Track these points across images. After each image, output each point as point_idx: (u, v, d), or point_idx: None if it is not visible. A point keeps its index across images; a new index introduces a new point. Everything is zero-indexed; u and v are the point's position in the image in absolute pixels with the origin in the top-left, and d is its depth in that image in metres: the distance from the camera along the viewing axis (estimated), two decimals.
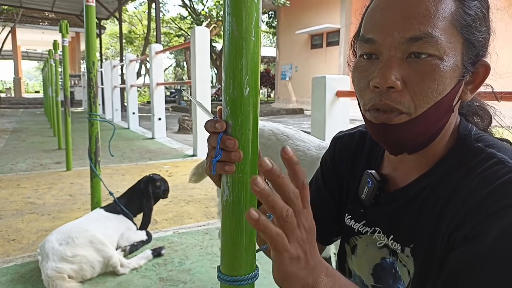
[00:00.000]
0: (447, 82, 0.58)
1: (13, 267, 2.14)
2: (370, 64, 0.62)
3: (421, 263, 0.62)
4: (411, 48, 0.57)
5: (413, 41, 0.57)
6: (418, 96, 0.58)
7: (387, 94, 0.59)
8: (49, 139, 7.19)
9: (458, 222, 0.56)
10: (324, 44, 16.70)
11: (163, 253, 2.30)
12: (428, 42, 0.56)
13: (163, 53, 7.41)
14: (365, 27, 0.63)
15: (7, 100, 20.25)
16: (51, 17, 21.32)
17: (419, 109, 0.59)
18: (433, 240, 0.60)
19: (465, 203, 0.56)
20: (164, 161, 5.22)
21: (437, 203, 0.61)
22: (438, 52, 0.57)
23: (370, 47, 0.61)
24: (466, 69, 0.60)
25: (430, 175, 0.65)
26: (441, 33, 0.57)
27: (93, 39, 2.47)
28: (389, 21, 0.59)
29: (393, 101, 0.58)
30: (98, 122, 2.54)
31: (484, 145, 0.61)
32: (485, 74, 0.63)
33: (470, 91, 0.63)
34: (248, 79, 0.54)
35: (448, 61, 0.57)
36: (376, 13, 0.61)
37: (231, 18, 0.53)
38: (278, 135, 1.85)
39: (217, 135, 0.56)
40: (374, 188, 0.71)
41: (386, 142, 0.63)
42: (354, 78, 0.65)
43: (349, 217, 0.79)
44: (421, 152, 0.65)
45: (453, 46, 0.58)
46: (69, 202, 3.34)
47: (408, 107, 0.58)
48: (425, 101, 0.58)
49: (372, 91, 0.61)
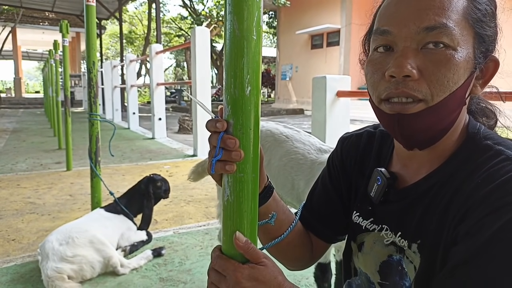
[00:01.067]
0: (461, 72, 0.59)
1: (13, 267, 2.13)
2: (385, 56, 0.63)
3: (427, 258, 0.63)
4: (427, 38, 0.59)
5: (428, 31, 0.58)
6: (435, 84, 0.59)
7: (404, 83, 0.59)
8: (49, 139, 7.19)
9: (461, 217, 0.57)
10: (324, 44, 16.71)
11: (163, 253, 2.30)
12: (443, 32, 0.58)
13: (163, 53, 7.41)
14: (379, 21, 0.64)
15: (7, 100, 20.26)
16: (51, 17, 21.34)
17: (435, 98, 0.59)
18: (439, 235, 0.61)
19: (469, 198, 0.57)
20: (165, 161, 5.22)
21: (444, 199, 0.62)
22: (452, 43, 0.58)
23: (385, 39, 0.63)
24: (478, 62, 0.61)
25: (439, 172, 0.65)
26: (455, 25, 0.58)
27: (93, 39, 2.47)
28: (405, 13, 0.60)
29: (411, 88, 0.59)
30: (98, 122, 2.54)
31: (493, 143, 0.62)
32: (494, 69, 0.64)
33: (480, 86, 0.64)
34: (249, 78, 0.54)
35: (461, 52, 0.59)
36: (390, 7, 0.63)
37: (232, 17, 0.53)
38: (277, 135, 1.81)
39: (218, 134, 0.56)
40: (384, 185, 0.71)
41: (402, 132, 0.63)
42: (368, 71, 0.66)
43: (357, 214, 0.79)
44: (430, 148, 0.65)
45: (465, 39, 0.59)
46: (69, 202, 3.34)
47: (425, 94, 0.59)
48: (442, 89, 0.59)
49: (388, 81, 0.61)
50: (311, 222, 0.86)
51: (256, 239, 0.60)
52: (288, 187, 1.70)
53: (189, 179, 2.13)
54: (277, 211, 0.73)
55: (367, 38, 0.72)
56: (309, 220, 0.86)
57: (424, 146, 0.65)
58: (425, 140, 0.64)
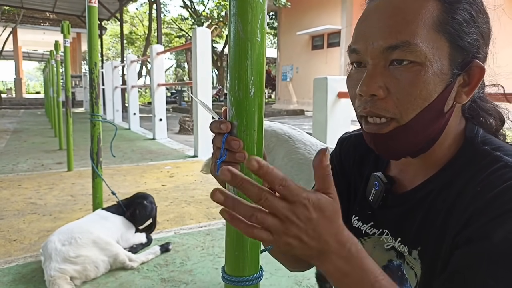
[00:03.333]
0: (430, 88, 0.58)
1: (14, 267, 2.14)
2: (359, 73, 0.63)
3: (428, 265, 0.62)
4: (391, 56, 0.58)
5: (391, 50, 0.58)
6: (402, 102, 0.58)
7: (372, 102, 0.60)
8: (50, 140, 7.20)
9: (462, 224, 0.56)
10: (325, 45, 16.71)
11: (170, 248, 2.36)
12: (406, 49, 0.57)
13: (163, 54, 7.41)
14: (352, 38, 0.65)
15: (8, 101, 20.28)
16: (52, 18, 21.36)
17: (405, 116, 0.59)
18: (439, 242, 0.60)
19: (470, 205, 0.56)
20: (165, 162, 5.22)
21: (444, 205, 0.61)
22: (418, 59, 0.57)
23: (356, 57, 0.63)
24: (455, 72, 0.59)
25: (437, 178, 0.65)
26: (422, 40, 0.56)
27: (95, 40, 2.47)
28: (370, 31, 0.60)
29: (377, 108, 0.60)
30: (100, 123, 2.54)
31: (491, 148, 0.61)
32: (480, 75, 0.61)
33: (465, 94, 0.62)
34: (253, 79, 0.54)
35: (431, 66, 0.57)
36: (360, 24, 0.63)
37: (236, 19, 0.53)
38: (280, 135, 1.82)
39: (222, 136, 0.56)
40: (381, 190, 0.71)
41: (378, 150, 0.65)
42: (347, 86, 0.67)
43: (356, 218, 0.79)
44: (424, 155, 0.65)
45: (437, 52, 0.57)
46: (70, 203, 3.34)
47: (393, 113, 0.59)
48: (410, 107, 0.58)
49: (359, 99, 0.62)
50: None
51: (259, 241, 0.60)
52: None
53: (201, 171, 2.33)
54: None
55: None
56: None
57: (411, 156, 0.65)
58: (407, 153, 0.64)
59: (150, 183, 4.08)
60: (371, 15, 0.61)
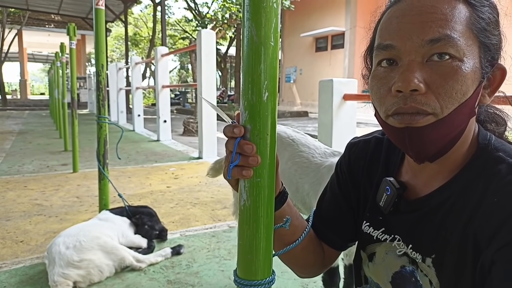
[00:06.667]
0: (469, 83, 0.59)
1: (21, 268, 2.15)
2: (389, 71, 0.62)
3: (448, 275, 0.62)
4: (432, 50, 0.58)
5: (433, 43, 0.58)
6: (443, 97, 0.58)
7: (412, 97, 0.59)
8: (55, 141, 7.23)
9: (489, 236, 0.56)
10: (329, 47, 16.70)
11: (182, 251, 2.33)
12: (448, 43, 0.57)
13: (168, 56, 7.44)
14: (381, 36, 0.64)
15: (13, 102, 20.39)
16: (57, 20, 21.49)
17: (445, 110, 0.59)
18: (462, 254, 0.60)
19: (492, 216, 0.57)
20: (170, 164, 5.23)
21: (460, 215, 0.61)
22: (458, 54, 0.58)
23: (389, 53, 0.62)
24: (485, 71, 0.61)
25: (451, 185, 0.64)
26: (459, 36, 0.58)
27: (102, 42, 2.49)
28: (407, 27, 0.60)
29: (419, 103, 0.58)
30: (106, 125, 2.55)
31: (505, 155, 0.61)
32: (502, 77, 0.64)
33: (488, 95, 0.64)
34: (267, 84, 0.54)
35: (468, 62, 0.58)
36: (392, 22, 0.62)
37: (250, 23, 0.53)
38: (284, 138, 1.81)
39: (235, 140, 0.56)
40: (393, 195, 0.70)
41: (412, 145, 0.62)
42: (373, 87, 0.65)
43: (367, 224, 0.78)
44: (440, 160, 0.64)
45: (471, 49, 0.59)
46: (76, 204, 3.35)
47: (434, 107, 0.58)
48: (451, 101, 0.58)
49: (394, 96, 0.60)
50: (321, 229, 0.85)
51: (271, 244, 0.60)
52: (292, 189, 1.71)
53: (207, 175, 2.25)
54: (291, 216, 0.72)
55: (368, 53, 0.71)
56: (319, 227, 0.85)
57: (434, 158, 0.64)
58: (435, 152, 0.63)
59: (155, 184, 4.09)
60: (406, 13, 0.61)
